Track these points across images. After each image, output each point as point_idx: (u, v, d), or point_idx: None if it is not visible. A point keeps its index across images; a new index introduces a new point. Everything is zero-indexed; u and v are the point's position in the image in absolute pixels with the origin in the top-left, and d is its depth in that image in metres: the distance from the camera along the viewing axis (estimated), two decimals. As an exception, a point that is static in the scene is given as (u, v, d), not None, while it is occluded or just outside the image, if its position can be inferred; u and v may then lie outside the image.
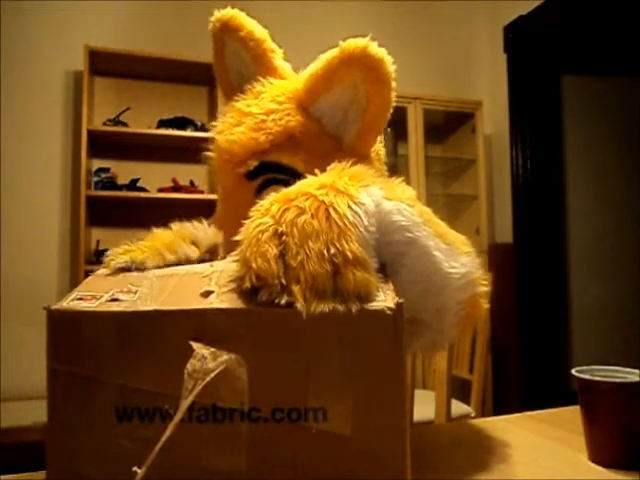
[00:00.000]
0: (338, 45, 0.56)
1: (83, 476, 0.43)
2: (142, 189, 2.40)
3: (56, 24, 2.43)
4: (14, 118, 2.35)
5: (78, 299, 0.46)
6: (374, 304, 0.42)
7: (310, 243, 0.43)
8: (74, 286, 0.50)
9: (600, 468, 0.56)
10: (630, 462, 0.55)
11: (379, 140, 0.68)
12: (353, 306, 0.41)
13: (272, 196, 0.47)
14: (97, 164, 2.42)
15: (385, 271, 0.47)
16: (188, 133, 2.43)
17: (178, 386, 0.41)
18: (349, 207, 0.44)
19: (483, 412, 1.89)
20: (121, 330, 0.43)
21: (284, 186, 0.52)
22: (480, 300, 0.58)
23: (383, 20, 2.99)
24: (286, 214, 0.44)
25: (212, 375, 0.40)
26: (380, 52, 0.55)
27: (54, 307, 0.44)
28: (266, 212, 0.45)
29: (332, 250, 0.42)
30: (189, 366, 0.41)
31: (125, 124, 2.41)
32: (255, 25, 0.67)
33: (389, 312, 0.42)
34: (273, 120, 0.59)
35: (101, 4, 2.50)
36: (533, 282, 2.74)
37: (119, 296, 0.45)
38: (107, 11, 2.52)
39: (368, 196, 0.46)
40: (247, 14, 0.69)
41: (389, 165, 0.75)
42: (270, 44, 0.68)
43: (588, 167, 2.93)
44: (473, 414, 1.71)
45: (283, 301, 0.41)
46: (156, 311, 0.43)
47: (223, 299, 0.44)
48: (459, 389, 1.84)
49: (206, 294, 0.45)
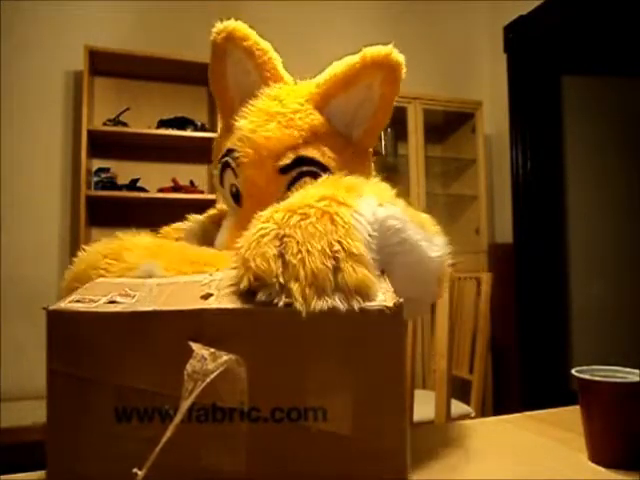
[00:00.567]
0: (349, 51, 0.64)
1: (83, 476, 0.43)
2: (142, 189, 2.40)
3: (56, 24, 2.43)
4: (14, 118, 2.35)
5: (76, 301, 0.46)
6: (374, 303, 0.42)
7: (313, 241, 0.43)
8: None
9: (600, 468, 0.56)
10: (630, 462, 0.55)
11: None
12: (355, 302, 0.41)
13: (273, 207, 0.48)
14: (97, 164, 2.42)
15: (384, 274, 0.48)
16: (188, 133, 2.43)
17: (177, 386, 0.41)
18: (352, 216, 0.46)
19: (483, 412, 1.89)
20: (120, 330, 0.43)
21: (314, 179, 0.58)
22: (447, 267, 0.63)
23: (383, 20, 2.99)
24: (290, 219, 0.45)
25: (212, 376, 0.40)
26: (401, 57, 0.65)
27: (53, 307, 0.44)
28: (268, 220, 0.46)
29: (336, 247, 0.43)
30: (189, 367, 0.41)
31: (125, 124, 2.41)
32: (258, 36, 0.71)
33: (389, 311, 0.42)
34: (300, 118, 0.64)
35: (101, 4, 2.50)
36: (533, 282, 2.74)
37: (117, 299, 0.45)
38: (107, 11, 2.52)
39: (366, 206, 0.48)
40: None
41: (389, 165, 0.77)
42: (274, 53, 0.71)
43: (588, 167, 2.93)
44: (473, 414, 1.71)
45: (281, 302, 0.41)
46: (155, 311, 0.43)
47: (222, 301, 0.44)
48: (459, 389, 1.84)
49: (206, 296, 0.45)
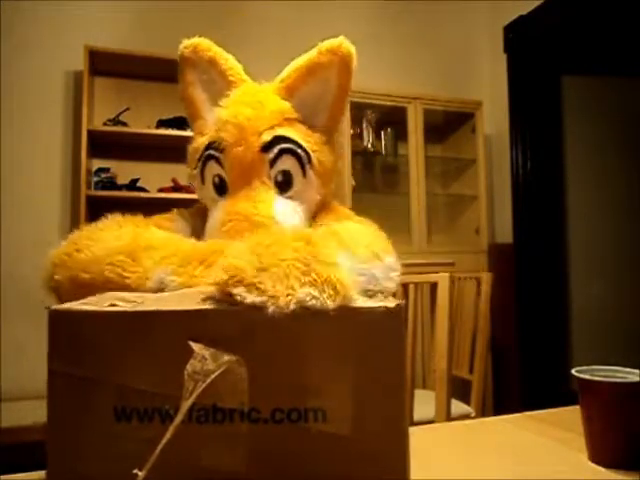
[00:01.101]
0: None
1: (83, 476, 0.43)
2: (142, 189, 2.40)
3: (56, 24, 2.43)
4: (14, 118, 2.35)
5: (80, 304, 0.46)
6: (375, 304, 0.42)
7: (286, 253, 0.44)
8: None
9: (600, 468, 0.56)
10: (630, 462, 0.55)
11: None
12: (329, 295, 0.41)
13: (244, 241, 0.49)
14: (97, 164, 2.42)
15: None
16: (188, 133, 2.40)
17: (178, 387, 0.41)
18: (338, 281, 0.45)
19: (483, 412, 1.89)
20: (121, 330, 0.43)
21: (294, 156, 0.67)
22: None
23: (383, 20, 2.99)
24: (263, 248, 0.46)
25: (213, 376, 0.40)
26: (352, 47, 0.69)
27: (54, 307, 0.44)
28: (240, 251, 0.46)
29: (309, 260, 0.43)
30: (189, 367, 0.41)
31: (125, 124, 2.41)
32: (220, 48, 0.78)
33: (389, 313, 0.42)
34: (272, 104, 0.70)
35: (101, 4, 2.50)
36: (533, 282, 2.74)
37: (118, 303, 0.46)
38: (107, 11, 2.52)
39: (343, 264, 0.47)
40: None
41: (389, 165, 0.79)
42: (235, 62, 0.78)
43: (588, 167, 2.93)
44: (473, 414, 1.71)
45: (250, 300, 0.41)
46: (156, 311, 0.43)
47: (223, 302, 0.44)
48: (459, 389, 1.84)
49: (206, 299, 0.45)
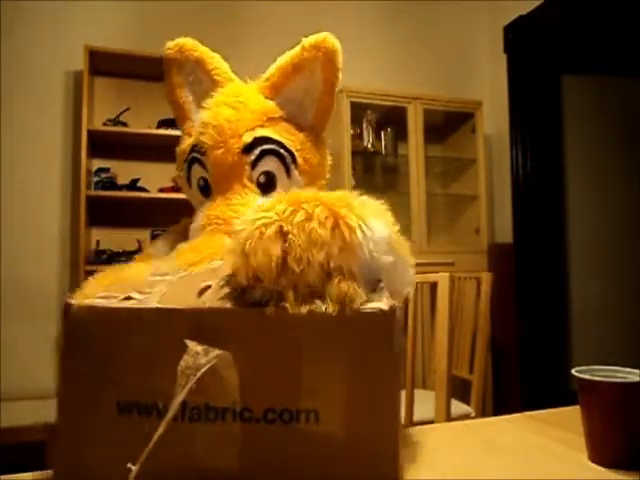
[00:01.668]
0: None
1: (87, 469, 0.44)
2: (142, 189, 2.40)
3: (56, 24, 2.43)
4: (14, 118, 2.35)
5: (102, 297, 0.47)
6: (368, 306, 0.42)
7: (314, 251, 0.43)
8: (74, 286, 0.50)
9: (600, 468, 0.56)
10: (630, 462, 0.55)
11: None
12: (333, 308, 0.42)
13: (279, 194, 0.48)
14: (97, 164, 2.42)
15: (380, 283, 0.48)
16: (188, 133, 2.43)
17: (173, 383, 0.41)
18: (360, 226, 0.45)
19: (483, 412, 1.89)
20: (120, 326, 0.44)
21: (277, 157, 0.66)
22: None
23: (382, 20, 2.99)
24: (293, 216, 0.44)
25: (203, 370, 0.41)
26: (336, 42, 0.68)
27: (66, 303, 0.45)
28: (270, 209, 0.45)
29: (332, 264, 0.43)
30: (182, 363, 0.41)
31: (125, 124, 2.41)
32: (205, 47, 0.78)
33: (383, 314, 0.42)
34: (254, 104, 0.69)
35: (101, 4, 2.50)
36: (533, 282, 2.74)
37: (134, 295, 0.46)
38: (107, 11, 2.52)
39: (374, 222, 0.47)
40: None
41: (389, 165, 0.79)
42: (222, 61, 0.77)
43: (588, 167, 2.93)
44: (473, 414, 1.71)
45: (272, 306, 0.42)
46: (152, 309, 0.44)
47: (218, 297, 0.44)
48: (459, 389, 1.84)
49: (204, 289, 0.45)
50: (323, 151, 0.74)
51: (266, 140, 0.67)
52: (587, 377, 0.58)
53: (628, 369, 0.60)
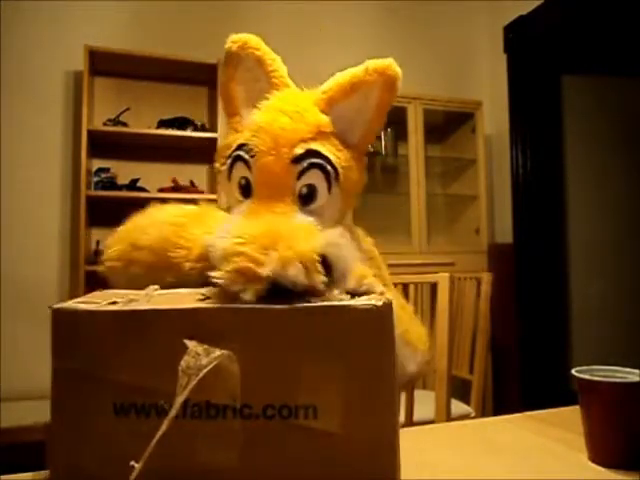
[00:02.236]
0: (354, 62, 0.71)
1: (84, 470, 0.44)
2: (142, 189, 2.40)
3: (56, 24, 2.43)
4: (14, 118, 2.35)
5: (81, 302, 0.47)
6: (364, 302, 0.43)
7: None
8: (74, 286, 0.51)
9: (600, 468, 0.56)
10: (630, 462, 0.55)
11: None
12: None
13: (252, 222, 0.51)
14: (97, 164, 2.42)
15: None
16: (188, 133, 2.43)
17: (173, 382, 0.42)
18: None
19: (483, 412, 1.89)
20: (119, 328, 0.45)
21: (322, 172, 0.68)
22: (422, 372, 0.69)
23: (383, 20, 2.99)
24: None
25: (205, 371, 0.41)
26: (399, 71, 0.71)
27: (57, 306, 0.45)
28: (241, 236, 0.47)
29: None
30: (183, 363, 0.42)
31: (125, 124, 2.41)
32: (268, 48, 0.78)
33: (378, 310, 0.42)
34: (309, 116, 0.70)
35: (101, 4, 2.50)
36: (533, 282, 2.74)
37: (118, 300, 0.47)
38: (107, 11, 2.52)
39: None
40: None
41: (389, 165, 0.80)
42: (281, 64, 0.77)
43: (588, 167, 2.93)
44: (473, 414, 1.71)
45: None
46: (152, 309, 0.45)
47: (217, 300, 0.45)
48: (459, 389, 1.84)
49: (203, 299, 0.46)
50: (362, 170, 0.76)
51: (316, 154, 0.69)
52: (587, 377, 0.58)
53: (628, 369, 0.60)
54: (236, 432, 0.42)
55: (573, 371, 0.60)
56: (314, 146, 0.69)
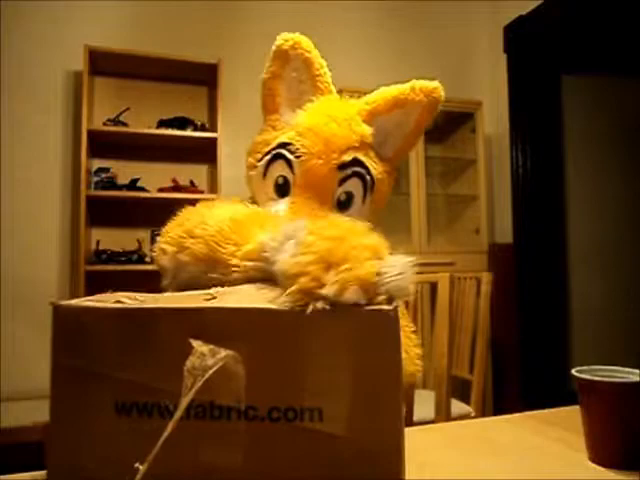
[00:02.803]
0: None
1: (83, 469, 0.44)
2: (142, 189, 2.40)
3: (56, 24, 2.43)
4: (14, 118, 2.35)
5: (86, 301, 0.47)
6: (371, 306, 0.43)
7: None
8: (74, 286, 0.50)
9: (600, 468, 0.56)
10: (630, 462, 0.55)
11: None
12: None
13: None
14: (97, 164, 2.42)
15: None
16: (188, 133, 2.43)
17: (176, 382, 0.41)
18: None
19: (483, 412, 1.89)
20: (123, 326, 0.44)
21: (362, 181, 0.70)
22: None
23: (382, 20, 2.99)
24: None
25: (211, 372, 0.41)
26: (443, 94, 0.77)
27: (59, 302, 0.45)
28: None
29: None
30: (188, 363, 0.41)
31: (125, 124, 2.41)
32: (317, 51, 0.78)
33: (384, 313, 0.42)
34: (355, 125, 0.72)
35: (101, 4, 2.50)
36: (533, 282, 2.74)
37: (124, 300, 0.47)
38: (107, 11, 2.52)
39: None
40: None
41: None
42: (327, 70, 0.78)
43: (588, 167, 2.93)
44: (473, 414, 1.71)
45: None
46: (157, 308, 0.44)
47: (223, 300, 0.45)
48: (459, 389, 1.84)
49: (209, 299, 0.46)
50: (391, 185, 0.78)
51: (360, 163, 0.71)
52: (587, 377, 0.58)
53: (628, 369, 0.60)
54: (241, 434, 0.42)
55: (573, 371, 0.60)
56: (359, 155, 0.71)
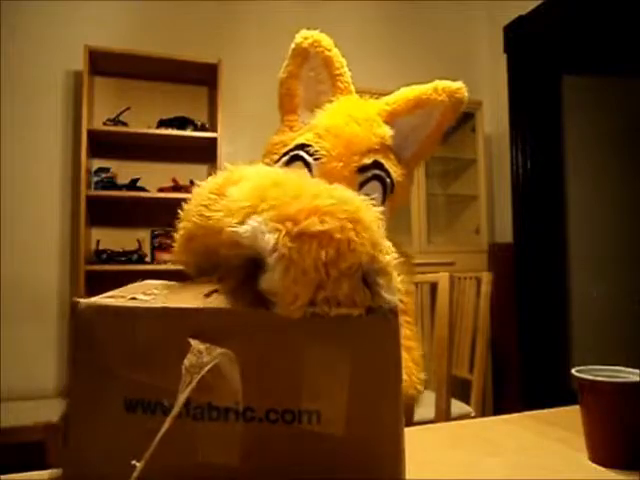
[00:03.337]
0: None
1: (92, 462, 0.45)
2: (142, 189, 2.40)
3: (56, 24, 2.43)
4: (14, 118, 2.35)
5: (109, 297, 0.48)
6: (370, 307, 0.42)
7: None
8: (74, 286, 0.51)
9: (600, 468, 0.56)
10: (630, 462, 0.55)
11: None
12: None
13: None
14: (97, 164, 2.42)
15: None
16: (188, 133, 2.43)
17: (177, 381, 0.42)
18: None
19: (483, 412, 1.89)
20: (130, 324, 0.45)
21: (381, 184, 0.67)
22: None
23: (382, 20, 2.99)
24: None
25: (207, 368, 0.41)
26: (466, 95, 0.73)
27: (79, 300, 0.46)
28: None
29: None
30: (186, 361, 0.42)
31: (125, 124, 2.41)
32: (337, 50, 0.76)
33: (383, 315, 0.42)
34: (376, 127, 0.70)
35: (101, 4, 2.50)
36: (533, 282, 2.74)
37: (139, 296, 0.47)
38: (107, 11, 2.52)
39: None
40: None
41: None
42: (347, 69, 0.76)
43: (588, 167, 2.93)
44: (473, 414, 1.71)
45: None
46: (159, 308, 0.45)
47: (223, 300, 0.45)
48: (459, 389, 1.84)
49: (209, 294, 0.46)
50: (409, 188, 0.77)
51: (380, 166, 0.69)
52: (587, 377, 0.58)
53: (628, 369, 0.60)
54: (238, 435, 0.42)
55: (573, 371, 0.60)
56: (379, 158, 0.68)
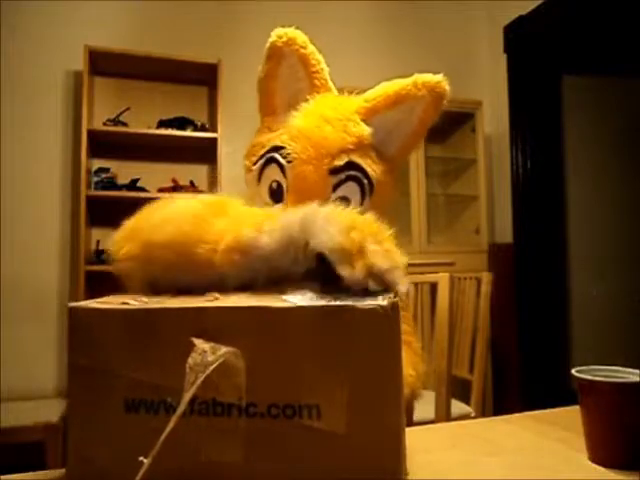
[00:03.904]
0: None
1: (97, 463, 0.45)
2: (142, 189, 2.40)
3: (56, 24, 2.43)
4: (14, 118, 2.35)
5: (100, 302, 0.48)
6: (369, 303, 0.43)
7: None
8: (74, 286, 0.51)
9: (600, 468, 0.56)
10: (630, 462, 0.55)
11: None
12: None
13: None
14: (97, 164, 2.42)
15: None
16: (188, 133, 2.43)
17: (181, 380, 0.42)
18: None
19: (483, 412, 1.89)
20: (130, 326, 0.46)
21: (358, 184, 0.66)
22: None
23: (382, 20, 2.99)
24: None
25: (212, 368, 0.42)
26: (448, 88, 0.71)
27: (73, 305, 0.47)
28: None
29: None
30: (190, 360, 0.42)
31: (125, 124, 2.41)
32: (313, 47, 0.74)
33: (384, 310, 0.42)
34: (352, 126, 0.68)
35: (101, 4, 2.50)
36: (533, 282, 2.74)
37: (130, 301, 0.48)
38: (107, 11, 2.52)
39: None
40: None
41: None
42: (325, 66, 0.74)
43: (588, 167, 2.93)
44: (473, 414, 1.71)
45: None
46: (161, 308, 0.46)
47: (226, 300, 0.46)
48: (459, 389, 1.84)
49: (211, 300, 0.47)
50: (394, 185, 0.74)
51: (355, 166, 0.67)
52: (587, 377, 0.58)
53: (628, 369, 0.60)
54: (241, 430, 0.43)
55: (573, 371, 0.60)
56: (354, 158, 0.67)
